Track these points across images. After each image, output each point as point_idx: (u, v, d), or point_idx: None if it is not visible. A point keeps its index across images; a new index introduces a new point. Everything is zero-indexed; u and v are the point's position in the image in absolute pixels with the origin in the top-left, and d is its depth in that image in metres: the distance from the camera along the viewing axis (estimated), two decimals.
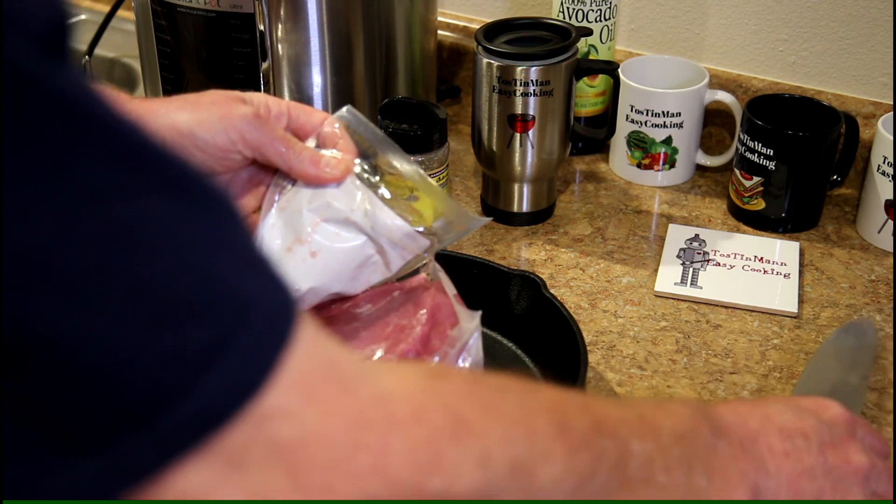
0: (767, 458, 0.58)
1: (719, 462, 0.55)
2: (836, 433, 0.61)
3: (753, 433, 0.58)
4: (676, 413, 0.55)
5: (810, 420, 0.61)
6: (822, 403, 0.64)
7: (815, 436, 0.60)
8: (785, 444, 0.59)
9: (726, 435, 0.56)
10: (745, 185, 1.01)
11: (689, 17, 1.14)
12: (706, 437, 0.55)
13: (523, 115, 0.96)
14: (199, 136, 0.64)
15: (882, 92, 1.07)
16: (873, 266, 0.97)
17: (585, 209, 1.06)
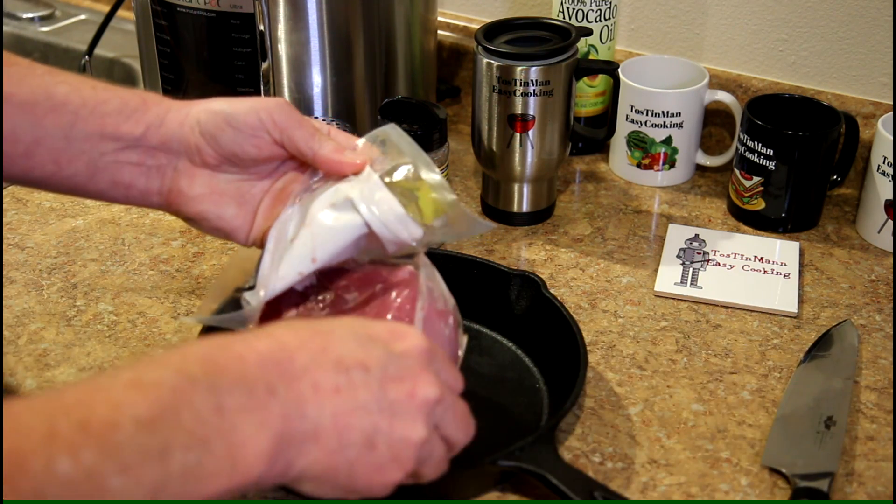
0: (309, 397, 0.53)
1: (225, 422, 0.50)
2: (405, 365, 0.57)
3: (297, 371, 0.53)
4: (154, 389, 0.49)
5: (376, 351, 0.57)
6: (397, 332, 0.59)
7: (377, 368, 0.56)
8: (337, 379, 0.54)
9: (241, 386, 0.51)
10: (745, 185, 1.01)
11: (689, 17, 1.14)
12: (199, 404, 0.49)
13: (523, 115, 0.96)
14: (231, 113, 0.68)
15: (882, 92, 1.07)
16: (873, 266, 0.97)
17: (585, 209, 1.06)
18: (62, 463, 0.44)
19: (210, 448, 0.49)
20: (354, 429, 0.55)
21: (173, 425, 0.48)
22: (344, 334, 0.57)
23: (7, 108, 0.65)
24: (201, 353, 0.52)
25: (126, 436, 0.46)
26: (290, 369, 0.54)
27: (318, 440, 0.54)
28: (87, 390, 0.48)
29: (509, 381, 0.82)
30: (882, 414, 0.79)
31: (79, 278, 0.94)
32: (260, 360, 0.53)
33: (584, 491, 0.67)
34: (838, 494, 0.72)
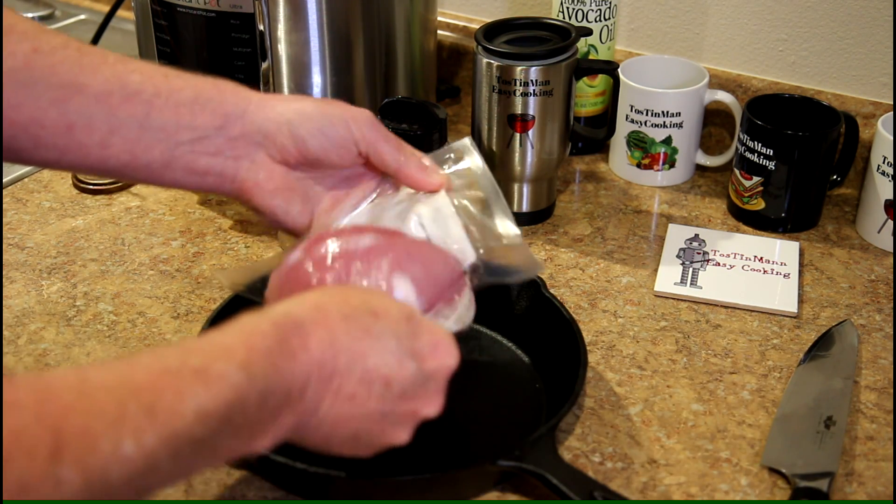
0: (328, 398, 0.57)
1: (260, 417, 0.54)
2: (425, 387, 0.61)
3: (331, 372, 0.57)
4: (219, 384, 0.52)
5: (407, 370, 0.60)
6: (434, 343, 0.62)
7: (398, 387, 0.60)
8: (358, 389, 0.58)
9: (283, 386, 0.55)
10: (745, 184, 1.01)
11: (689, 17, 1.14)
12: (250, 403, 0.53)
13: (523, 115, 0.96)
14: (325, 122, 0.70)
15: (882, 92, 1.07)
16: (873, 266, 0.97)
17: (585, 209, 1.06)
18: (127, 445, 0.47)
19: (239, 433, 0.53)
20: (349, 429, 0.59)
21: (225, 420, 0.52)
22: (388, 343, 0.60)
23: (82, 99, 0.66)
24: (264, 348, 0.55)
25: (185, 425, 0.50)
26: (325, 372, 0.57)
27: (316, 430, 0.58)
28: (157, 372, 0.51)
29: (509, 381, 0.82)
30: (882, 414, 0.79)
31: (79, 278, 0.94)
32: (307, 361, 0.56)
33: (583, 491, 0.67)
34: (838, 494, 0.72)
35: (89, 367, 0.50)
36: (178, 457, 0.50)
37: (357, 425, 0.59)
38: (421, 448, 0.75)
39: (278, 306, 0.59)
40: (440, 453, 0.75)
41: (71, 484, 0.45)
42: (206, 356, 0.53)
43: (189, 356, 0.52)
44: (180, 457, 0.50)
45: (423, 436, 0.76)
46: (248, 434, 0.54)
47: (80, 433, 0.46)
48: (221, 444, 0.53)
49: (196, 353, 0.53)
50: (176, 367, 0.51)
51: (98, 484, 0.46)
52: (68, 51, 0.66)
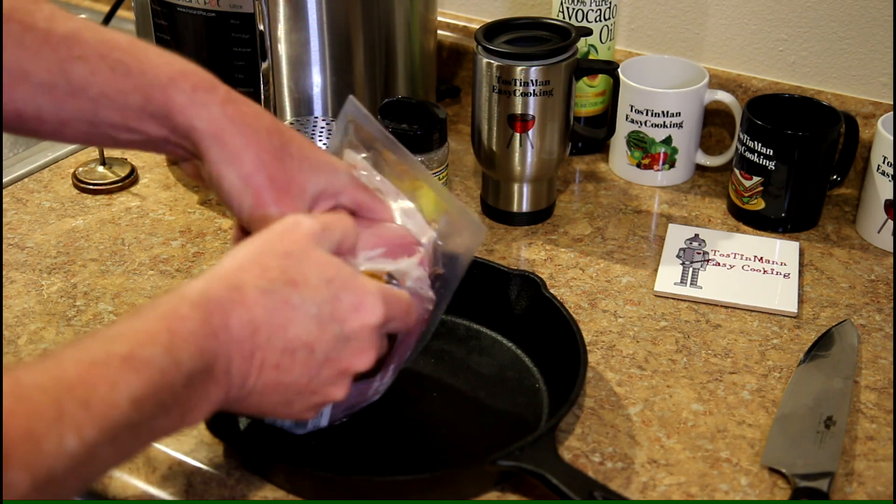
0: (253, 372, 0.59)
1: (187, 394, 0.56)
2: (350, 346, 0.62)
3: (252, 348, 0.59)
4: (147, 369, 0.53)
5: (329, 333, 0.61)
6: (356, 303, 0.62)
7: (323, 351, 0.61)
8: (281, 359, 0.60)
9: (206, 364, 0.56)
10: (745, 184, 1.01)
11: (689, 17, 1.14)
12: (177, 383, 0.54)
13: (523, 115, 0.96)
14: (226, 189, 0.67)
15: (882, 92, 1.07)
16: (873, 266, 0.97)
17: (585, 209, 1.06)
18: (70, 441, 0.49)
19: (170, 414, 0.55)
20: (279, 396, 0.61)
21: (156, 403, 0.54)
22: (309, 309, 0.60)
23: (27, 89, 0.65)
24: (187, 331, 0.56)
25: (121, 413, 0.51)
26: (246, 349, 0.58)
27: (246, 400, 0.60)
28: (85, 365, 0.52)
29: (509, 381, 0.82)
30: (882, 414, 0.79)
31: (79, 278, 0.94)
32: (228, 340, 0.58)
33: (583, 491, 0.67)
34: (838, 494, 0.72)
35: (18, 368, 0.50)
36: (117, 443, 0.52)
37: (286, 391, 0.61)
38: (421, 448, 0.76)
39: (195, 283, 0.59)
40: (440, 453, 0.75)
41: (19, 486, 0.46)
42: (131, 343, 0.54)
43: (113, 344, 0.53)
44: (120, 443, 0.52)
45: (424, 436, 0.77)
46: (178, 413, 0.56)
47: (24, 436, 0.47)
48: (155, 425, 0.55)
49: (120, 341, 0.54)
50: (103, 358, 0.52)
51: (44, 481, 0.48)
52: (11, 24, 0.64)
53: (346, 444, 0.75)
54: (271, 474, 0.72)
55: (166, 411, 0.55)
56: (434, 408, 0.80)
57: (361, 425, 0.77)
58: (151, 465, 0.74)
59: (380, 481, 0.69)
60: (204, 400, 0.57)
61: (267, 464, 0.72)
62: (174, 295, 0.58)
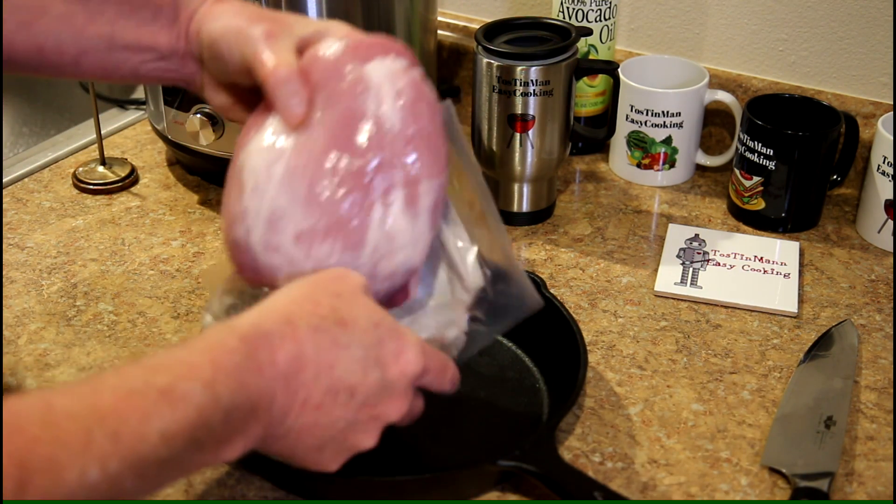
0: (295, 409, 0.58)
1: (225, 433, 0.54)
2: (388, 394, 0.61)
3: (297, 386, 0.58)
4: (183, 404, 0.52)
5: (372, 377, 0.60)
6: (398, 350, 0.62)
7: (363, 395, 0.60)
8: (324, 399, 0.59)
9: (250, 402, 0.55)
10: (745, 184, 1.01)
11: (689, 17, 1.14)
12: (215, 423, 0.53)
13: (523, 115, 0.96)
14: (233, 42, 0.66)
15: (882, 92, 1.07)
16: (873, 266, 0.97)
17: (585, 209, 1.06)
18: (92, 473, 0.47)
19: (204, 450, 0.54)
20: (315, 437, 0.60)
21: (189, 440, 0.52)
22: (355, 352, 0.60)
23: (47, 21, 0.67)
24: (231, 366, 0.55)
25: (150, 448, 0.50)
26: (293, 383, 0.57)
27: (283, 440, 0.59)
28: (122, 395, 0.51)
29: (509, 381, 0.82)
30: (882, 414, 0.79)
31: (79, 278, 0.94)
32: (275, 375, 0.57)
33: (584, 491, 0.67)
34: (838, 494, 0.72)
35: (55, 392, 0.50)
36: (143, 478, 0.50)
37: (322, 433, 0.60)
38: (421, 448, 0.76)
39: (246, 316, 0.58)
40: (440, 453, 0.75)
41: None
42: (171, 375, 0.53)
43: (154, 376, 0.52)
44: (146, 478, 0.50)
45: (424, 436, 0.77)
46: (213, 449, 0.54)
47: (46, 465, 0.46)
48: (187, 461, 0.53)
49: (161, 372, 0.53)
50: (141, 388, 0.51)
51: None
52: None
53: None
54: (271, 474, 0.72)
55: (200, 448, 0.53)
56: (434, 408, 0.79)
57: None
58: None
59: (380, 481, 0.69)
60: (241, 436, 0.56)
61: (267, 464, 0.71)
62: (225, 326, 0.57)
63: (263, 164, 0.63)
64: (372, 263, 0.64)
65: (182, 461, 0.53)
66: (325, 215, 0.62)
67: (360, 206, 0.62)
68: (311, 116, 0.63)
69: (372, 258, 0.64)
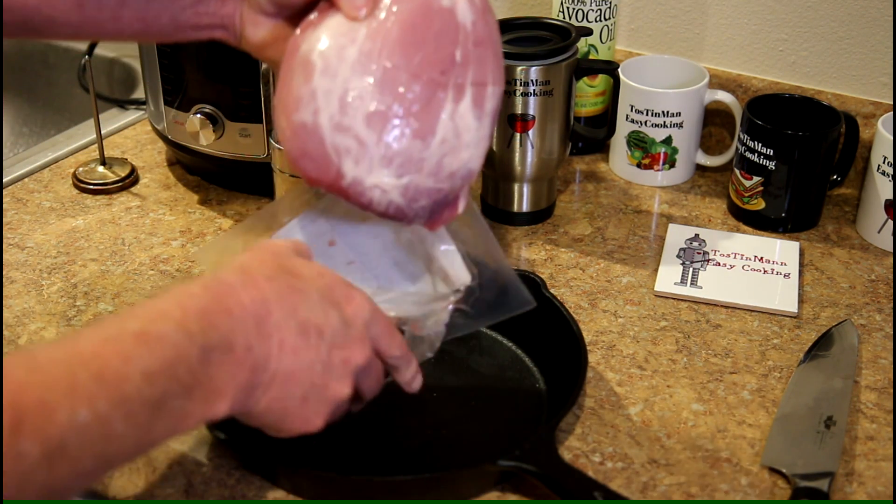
0: (274, 353, 0.60)
1: (208, 373, 0.56)
2: (349, 333, 0.63)
3: (270, 329, 0.59)
4: (159, 344, 0.54)
5: (332, 317, 0.62)
6: (348, 294, 0.64)
7: (330, 334, 0.62)
8: (298, 341, 0.61)
9: (226, 342, 0.57)
10: (745, 184, 1.01)
11: (689, 17, 1.14)
12: (192, 358, 0.55)
13: (523, 115, 0.96)
14: None
15: (882, 92, 1.07)
16: (873, 266, 0.97)
17: (585, 209, 1.06)
18: (82, 413, 0.49)
19: (192, 395, 0.55)
20: (297, 384, 0.61)
21: (171, 377, 0.54)
22: (312, 295, 0.62)
23: None
24: (198, 307, 0.57)
25: (134, 387, 0.52)
26: (265, 327, 0.59)
27: (269, 389, 0.60)
28: (99, 341, 0.53)
29: (509, 381, 0.82)
30: (882, 414, 0.79)
31: (79, 278, 0.94)
32: (244, 316, 0.59)
33: (584, 491, 0.67)
34: (838, 494, 0.72)
35: (36, 346, 0.52)
36: (132, 420, 0.52)
37: (303, 379, 0.61)
38: (421, 448, 0.76)
39: (206, 274, 0.62)
40: (440, 453, 0.75)
41: (31, 456, 0.47)
42: (143, 320, 0.55)
43: (126, 322, 0.55)
44: (135, 420, 0.52)
45: (424, 436, 0.77)
46: (202, 394, 0.56)
47: (38, 406, 0.48)
48: (176, 406, 0.55)
49: (133, 319, 0.55)
50: (116, 334, 0.54)
51: (56, 452, 0.48)
52: None
53: (346, 444, 0.75)
54: (271, 474, 0.72)
55: (186, 391, 0.55)
56: (434, 408, 0.80)
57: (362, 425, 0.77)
58: (151, 465, 0.74)
59: (380, 481, 0.69)
60: (228, 380, 0.57)
61: (267, 464, 0.71)
62: (188, 280, 0.60)
63: (334, 48, 0.63)
64: (439, 155, 0.64)
65: (170, 405, 0.54)
66: (398, 100, 0.62)
67: (432, 96, 0.63)
68: (381, 4, 0.63)
69: (440, 150, 0.64)
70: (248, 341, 0.58)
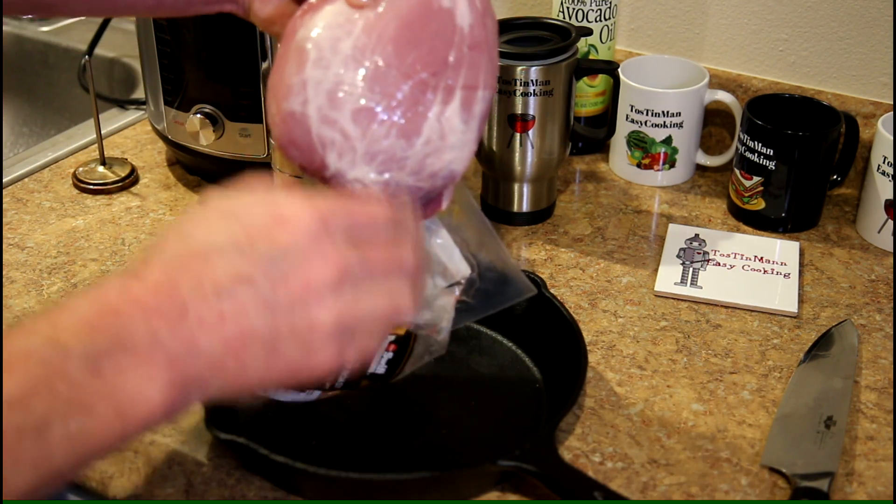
0: (197, 333, 0.51)
1: (106, 385, 0.48)
2: (291, 259, 0.53)
3: (178, 311, 0.50)
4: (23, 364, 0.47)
5: (257, 255, 0.52)
6: (279, 217, 0.54)
7: (262, 277, 0.52)
8: (221, 306, 0.51)
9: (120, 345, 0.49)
10: (745, 184, 1.01)
11: (689, 17, 1.14)
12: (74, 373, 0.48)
13: (523, 115, 0.96)
14: None
15: (882, 92, 1.07)
16: (873, 266, 0.97)
17: (585, 209, 1.06)
18: None
19: (94, 412, 0.48)
20: (251, 345, 0.52)
21: (48, 399, 0.47)
22: (223, 247, 0.53)
23: None
24: (74, 318, 0.50)
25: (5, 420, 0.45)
26: (171, 311, 0.51)
27: (218, 370, 0.52)
28: None
29: (509, 381, 0.82)
30: (882, 414, 0.79)
31: (79, 278, 0.94)
32: (139, 310, 0.50)
33: (584, 491, 0.67)
34: (838, 494, 0.72)
35: None
36: (11, 454, 0.46)
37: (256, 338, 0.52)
38: (421, 448, 0.76)
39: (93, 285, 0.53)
40: (440, 453, 0.75)
41: None
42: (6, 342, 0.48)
43: None
44: (11, 451, 0.46)
45: (424, 436, 0.77)
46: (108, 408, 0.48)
47: None
48: (72, 427, 0.47)
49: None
50: None
51: None
52: None
53: (347, 444, 0.75)
54: (271, 474, 0.72)
55: (79, 409, 0.48)
56: (434, 408, 0.80)
57: (361, 425, 0.77)
58: (151, 465, 0.74)
59: (380, 481, 0.69)
60: (142, 383, 0.49)
61: (267, 464, 0.72)
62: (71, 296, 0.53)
63: (329, 38, 0.63)
64: (422, 155, 0.64)
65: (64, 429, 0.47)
66: (386, 97, 0.62)
67: (421, 96, 0.62)
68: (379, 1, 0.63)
69: (423, 150, 0.64)
70: (150, 335, 0.50)
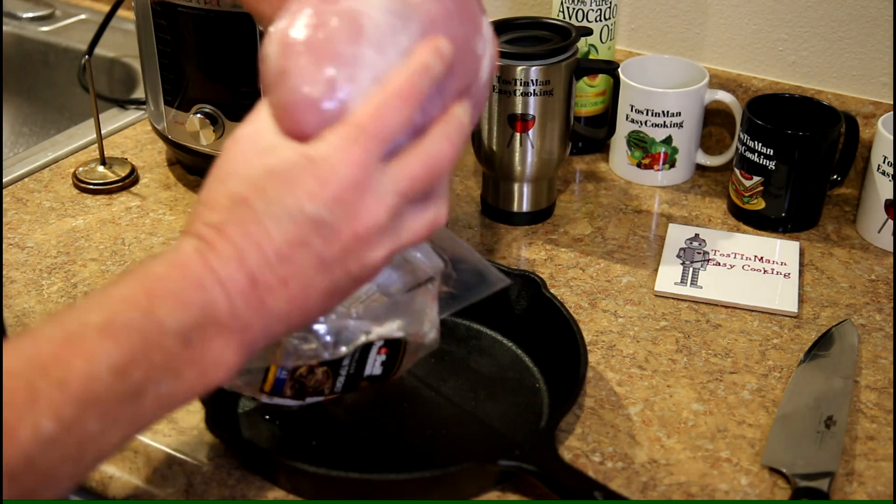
0: (265, 297, 0.54)
1: (195, 352, 0.52)
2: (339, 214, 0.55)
3: (252, 276, 0.54)
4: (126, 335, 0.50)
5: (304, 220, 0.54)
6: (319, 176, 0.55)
7: (317, 239, 0.55)
8: (283, 271, 0.54)
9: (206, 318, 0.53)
10: (745, 184, 1.01)
11: (689, 17, 1.14)
12: (168, 343, 0.51)
13: (523, 115, 0.96)
14: None
15: (882, 92, 1.07)
16: (873, 266, 0.97)
17: (585, 209, 1.06)
18: (46, 425, 0.47)
19: (182, 377, 0.52)
20: (312, 296, 0.56)
21: (145, 367, 0.51)
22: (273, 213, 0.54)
23: None
24: (165, 289, 0.53)
25: (103, 385, 0.49)
26: (243, 282, 0.54)
27: (283, 322, 0.56)
28: (61, 343, 0.50)
29: (509, 381, 0.82)
30: (882, 414, 0.79)
31: (79, 278, 0.94)
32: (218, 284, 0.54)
33: (584, 491, 0.67)
34: (838, 494, 0.72)
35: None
36: (108, 417, 0.49)
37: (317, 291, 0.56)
38: (421, 448, 0.76)
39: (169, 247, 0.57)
40: (440, 453, 0.75)
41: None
42: (107, 311, 0.51)
43: (88, 314, 0.51)
44: (112, 416, 0.49)
45: (424, 436, 0.77)
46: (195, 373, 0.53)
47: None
48: (163, 391, 0.52)
49: (95, 310, 0.51)
50: (78, 331, 0.50)
51: (23, 470, 0.46)
52: None
53: (346, 444, 0.75)
54: (271, 474, 0.72)
55: (171, 375, 0.52)
56: (434, 408, 0.80)
57: (361, 425, 0.77)
58: (151, 465, 0.74)
59: (380, 481, 0.69)
60: (218, 352, 0.53)
61: (267, 464, 0.72)
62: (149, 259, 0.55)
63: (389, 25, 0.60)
64: None
65: (156, 392, 0.51)
66: None
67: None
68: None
69: None
70: (229, 306, 0.54)
